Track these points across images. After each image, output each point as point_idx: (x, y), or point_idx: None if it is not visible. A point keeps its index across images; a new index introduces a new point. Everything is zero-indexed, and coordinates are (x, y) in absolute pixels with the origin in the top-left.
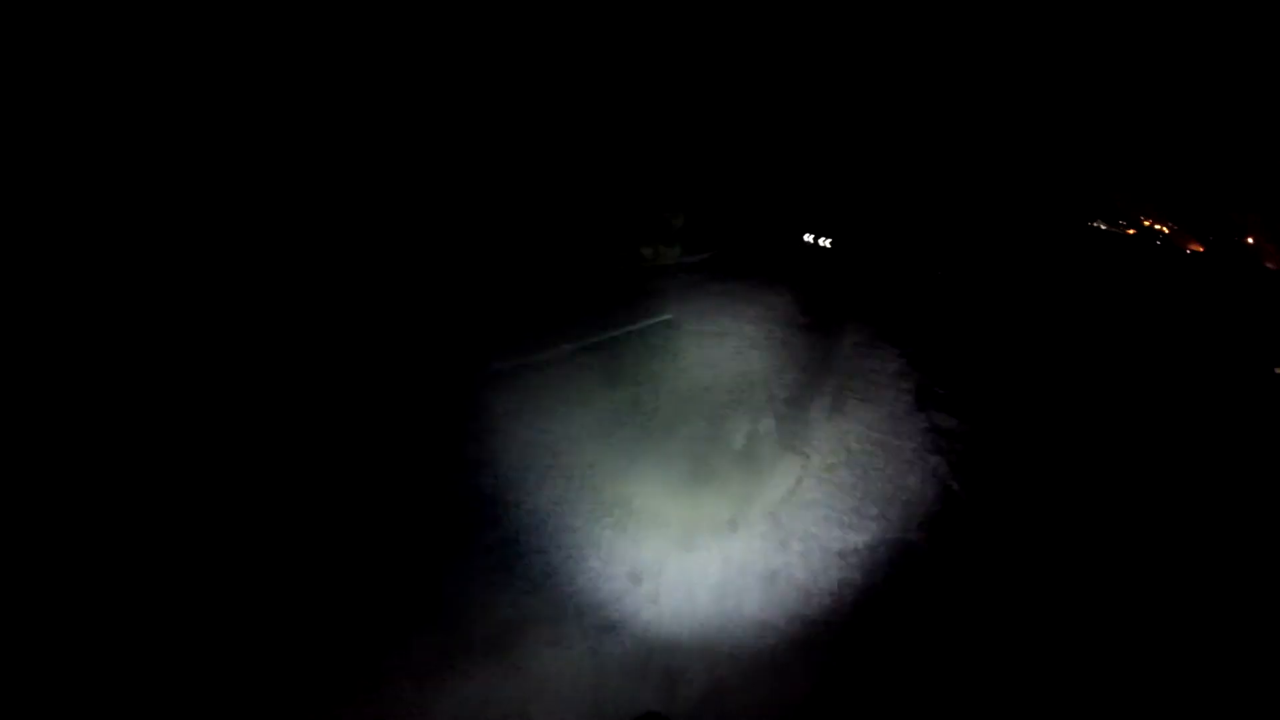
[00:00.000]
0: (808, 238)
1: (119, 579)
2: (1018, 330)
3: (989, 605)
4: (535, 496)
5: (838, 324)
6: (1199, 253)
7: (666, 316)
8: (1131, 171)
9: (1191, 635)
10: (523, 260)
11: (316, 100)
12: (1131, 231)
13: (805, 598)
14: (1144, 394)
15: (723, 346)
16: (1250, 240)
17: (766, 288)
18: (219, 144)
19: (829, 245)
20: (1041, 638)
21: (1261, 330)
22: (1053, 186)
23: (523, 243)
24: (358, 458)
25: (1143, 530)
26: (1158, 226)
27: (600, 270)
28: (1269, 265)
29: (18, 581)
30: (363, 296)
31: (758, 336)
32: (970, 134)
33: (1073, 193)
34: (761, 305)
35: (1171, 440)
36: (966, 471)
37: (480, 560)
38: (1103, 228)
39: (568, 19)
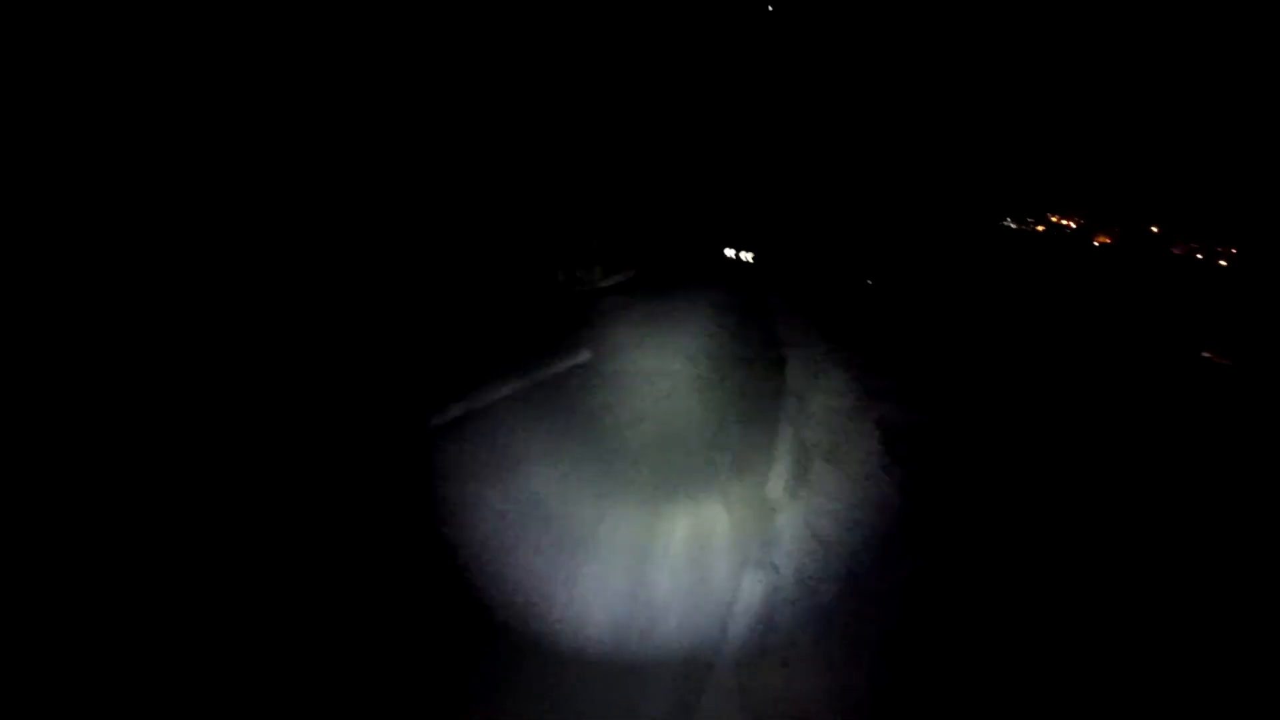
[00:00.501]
0: (729, 252)
1: None
2: (959, 340)
3: None
4: None
5: (777, 352)
6: (1107, 244)
7: (582, 358)
8: (1039, 170)
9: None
10: (425, 293)
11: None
12: (1041, 228)
13: None
14: (1094, 395)
15: (650, 392)
16: (1156, 229)
17: (693, 312)
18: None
19: (751, 260)
20: None
21: (1181, 316)
22: (965, 189)
23: (425, 272)
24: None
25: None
26: (1064, 222)
27: (509, 301)
28: (1176, 251)
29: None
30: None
31: (690, 376)
32: (885, 142)
33: (984, 194)
34: (691, 334)
35: (1123, 449)
36: (971, 559)
37: None
38: (1013, 226)
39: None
